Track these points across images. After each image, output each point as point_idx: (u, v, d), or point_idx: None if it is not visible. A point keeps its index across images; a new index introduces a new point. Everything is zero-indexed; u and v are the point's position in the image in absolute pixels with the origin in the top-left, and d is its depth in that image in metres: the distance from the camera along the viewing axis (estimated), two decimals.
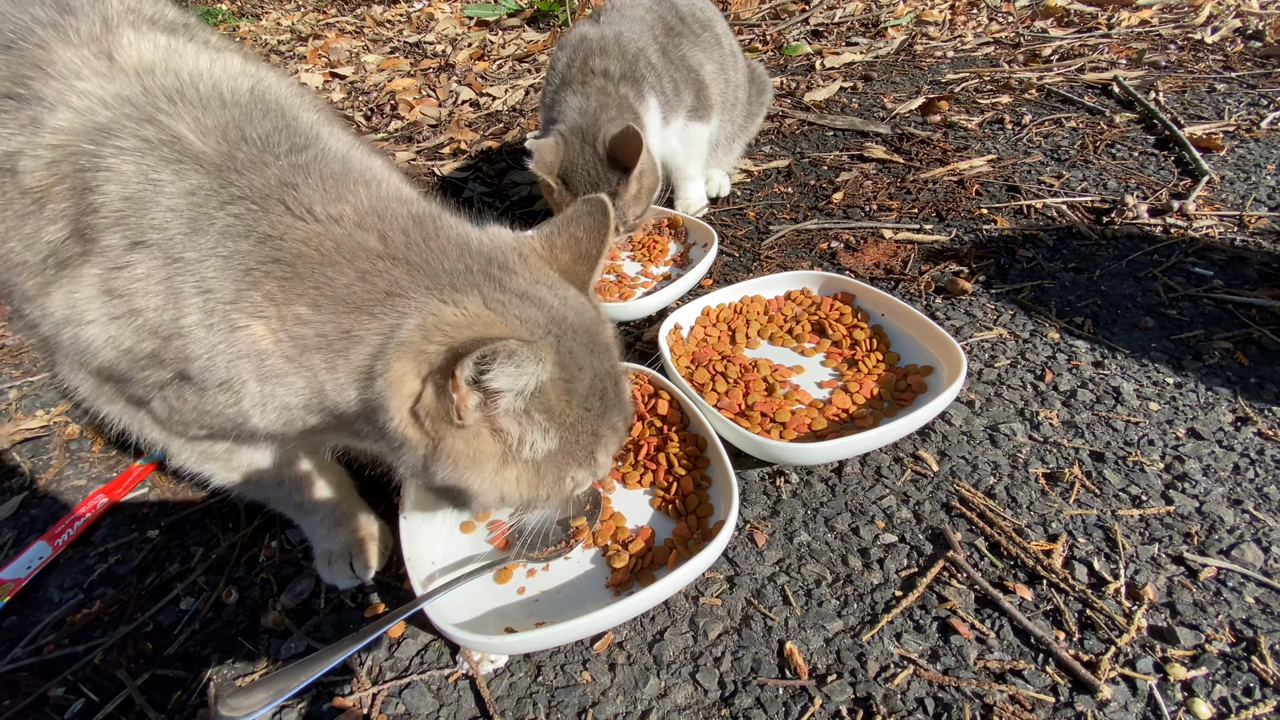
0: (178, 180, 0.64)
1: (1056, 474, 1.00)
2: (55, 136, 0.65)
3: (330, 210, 0.65)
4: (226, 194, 0.64)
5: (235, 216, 0.64)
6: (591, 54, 1.50)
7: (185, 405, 0.71)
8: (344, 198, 0.67)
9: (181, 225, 0.63)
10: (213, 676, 0.86)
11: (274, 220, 0.64)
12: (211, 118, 0.68)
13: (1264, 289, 1.30)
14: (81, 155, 0.65)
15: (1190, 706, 0.73)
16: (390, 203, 0.69)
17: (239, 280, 0.63)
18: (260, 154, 0.67)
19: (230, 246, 0.63)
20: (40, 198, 0.66)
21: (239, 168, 0.65)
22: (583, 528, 0.92)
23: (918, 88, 2.47)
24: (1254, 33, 2.56)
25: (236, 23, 4.81)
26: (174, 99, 0.68)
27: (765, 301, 1.33)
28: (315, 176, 0.67)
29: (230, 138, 0.67)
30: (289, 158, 0.68)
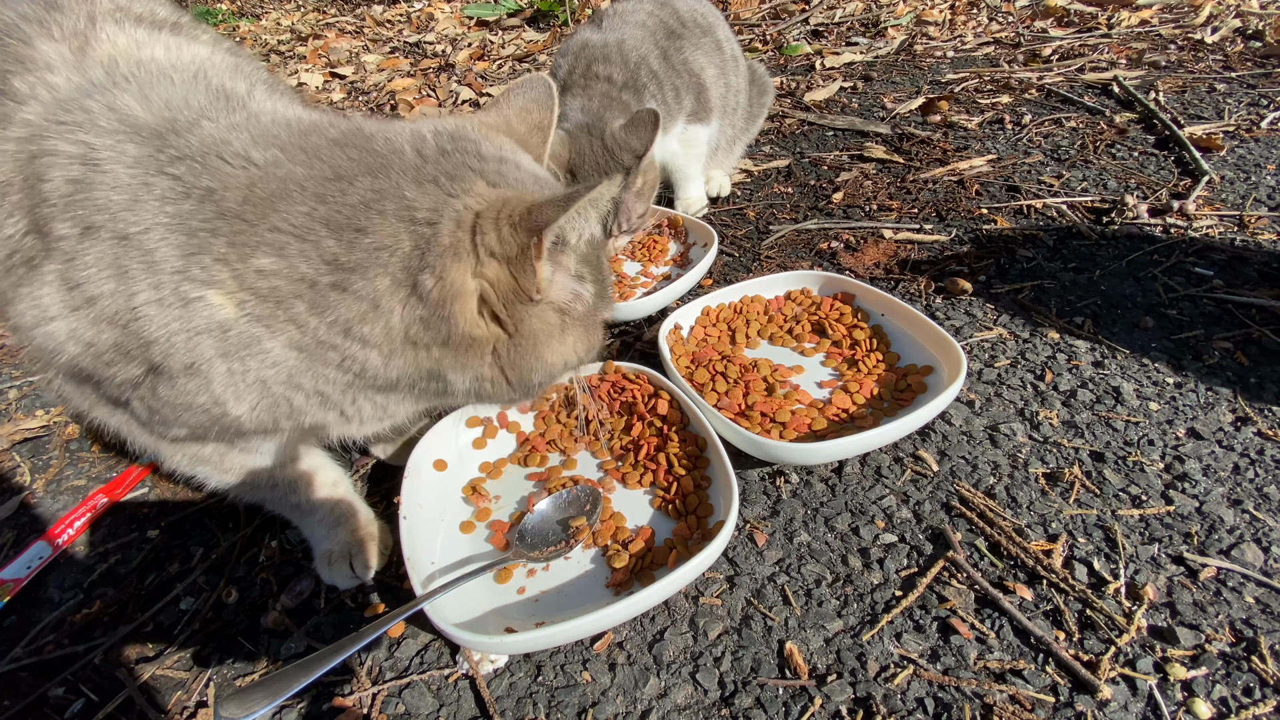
0: (119, 157, 0.60)
1: (1056, 474, 1.00)
2: (21, 129, 0.65)
3: (265, 154, 0.60)
4: (165, 156, 0.60)
5: (174, 178, 0.59)
6: (594, 61, 1.50)
7: (160, 403, 0.66)
8: (270, 142, 0.62)
9: (124, 199, 0.59)
10: (213, 676, 0.86)
11: (213, 174, 0.59)
12: (156, 94, 0.65)
13: (1264, 289, 1.30)
14: (33, 143, 0.63)
15: (1190, 706, 0.73)
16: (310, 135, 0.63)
17: (183, 245, 0.58)
18: (197, 119, 0.63)
19: (170, 209, 0.58)
20: (4, 193, 0.64)
21: (178, 129, 0.61)
22: (583, 528, 0.92)
23: (918, 88, 2.47)
24: (1254, 33, 2.56)
25: (236, 22, 4.81)
26: (122, 82, 0.66)
27: (765, 301, 1.33)
28: (244, 130, 0.63)
29: (175, 106, 0.63)
30: (223, 118, 0.64)
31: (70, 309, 0.62)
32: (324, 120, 0.67)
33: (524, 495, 1.01)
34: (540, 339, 0.65)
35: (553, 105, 0.78)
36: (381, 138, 0.63)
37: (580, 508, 0.96)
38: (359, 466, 1.15)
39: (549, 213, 0.56)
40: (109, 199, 0.60)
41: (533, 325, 0.64)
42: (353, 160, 0.60)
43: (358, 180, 0.59)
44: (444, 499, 1.01)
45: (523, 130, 0.75)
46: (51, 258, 0.62)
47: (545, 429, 1.10)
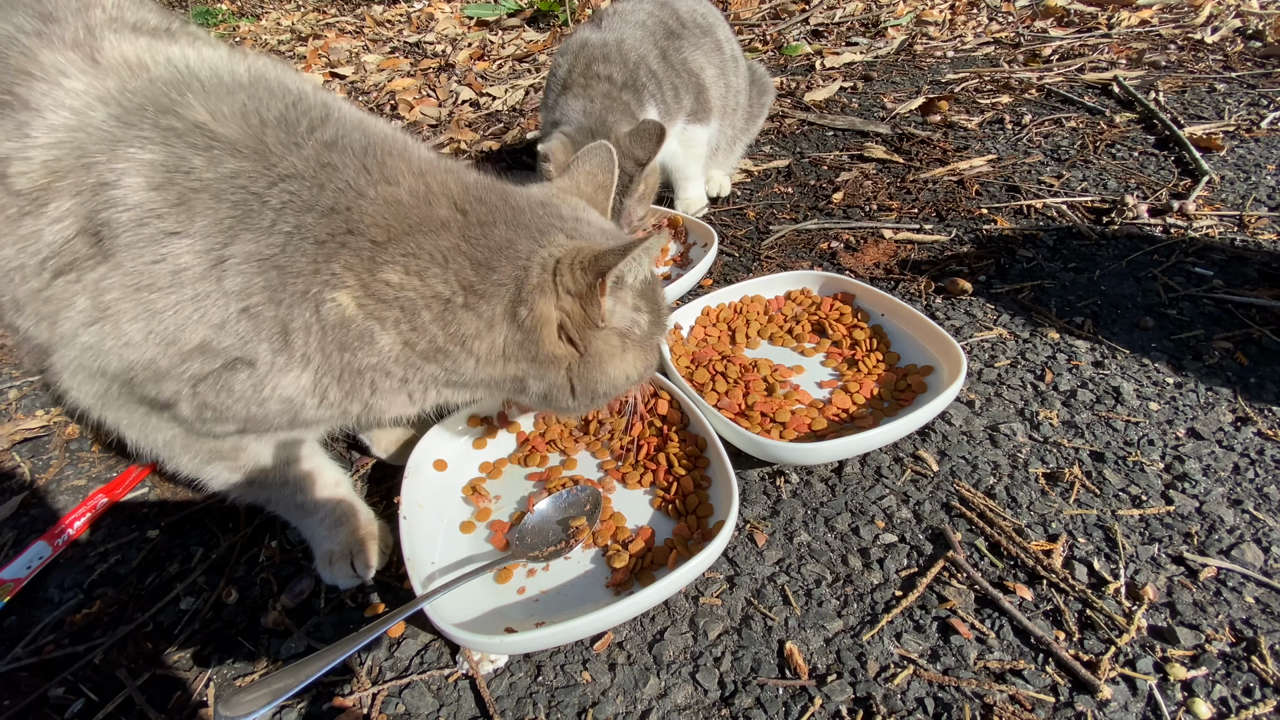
0: (214, 166, 0.65)
1: (1056, 474, 1.00)
2: (50, 135, 0.65)
3: (384, 189, 0.70)
4: (273, 174, 0.66)
5: (291, 194, 0.66)
6: (594, 60, 1.51)
7: (228, 397, 0.71)
8: (389, 176, 0.71)
9: (229, 208, 0.65)
10: (213, 676, 0.86)
11: (333, 196, 0.67)
12: (223, 104, 0.68)
13: (1264, 289, 1.30)
14: (87, 152, 0.64)
15: (1190, 706, 0.73)
16: (440, 174, 0.74)
17: (312, 254, 0.66)
18: (286, 135, 0.69)
19: (294, 221, 0.66)
20: (38, 199, 0.65)
21: (272, 148, 0.67)
22: (583, 528, 0.92)
23: (918, 88, 2.47)
24: (1254, 33, 2.56)
25: (236, 23, 4.81)
26: (180, 89, 0.68)
27: (765, 301, 1.33)
28: (348, 154, 0.70)
29: (251, 122, 0.68)
30: (314, 136, 0.70)
31: (151, 312, 0.65)
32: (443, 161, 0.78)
33: (524, 495, 1.01)
34: (605, 358, 0.78)
35: (613, 169, 0.94)
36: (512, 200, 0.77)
37: (580, 508, 0.96)
38: (359, 466, 1.15)
39: (610, 259, 0.70)
40: (208, 205, 0.64)
41: (599, 346, 0.78)
42: (493, 210, 0.74)
43: (496, 228, 0.73)
44: (444, 499, 1.01)
45: (589, 190, 0.90)
46: (116, 259, 0.64)
47: (545, 429, 1.10)
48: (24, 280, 0.67)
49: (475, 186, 0.75)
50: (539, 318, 0.72)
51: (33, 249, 0.66)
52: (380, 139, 0.74)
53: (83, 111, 0.66)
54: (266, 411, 0.73)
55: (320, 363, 0.70)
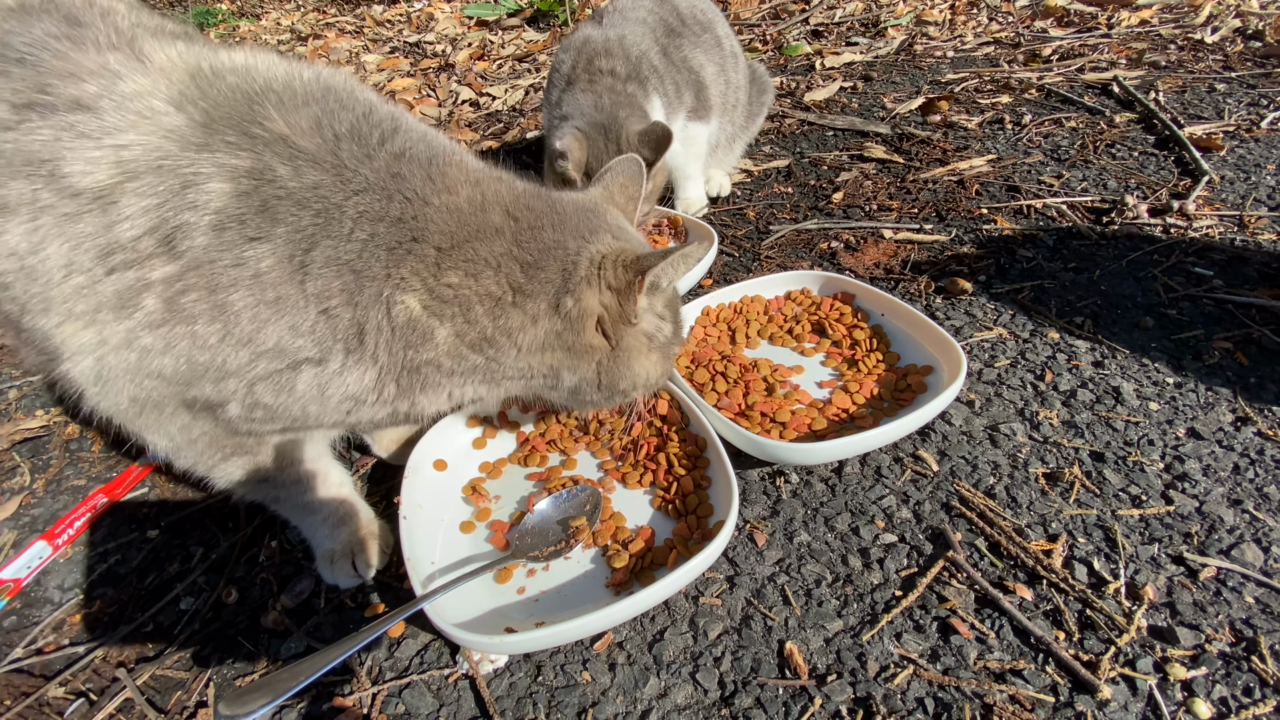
0: (298, 177, 0.68)
1: (1056, 474, 1.00)
2: (118, 137, 0.65)
3: (445, 198, 0.74)
4: (349, 188, 0.70)
5: (365, 205, 0.70)
6: (596, 55, 1.51)
7: (287, 397, 0.73)
8: (450, 186, 0.75)
9: (311, 217, 0.68)
10: (213, 676, 0.86)
11: (400, 206, 0.72)
12: (299, 116, 0.71)
13: (1264, 289, 1.30)
14: (167, 154, 0.65)
15: (1190, 706, 0.73)
16: (493, 183, 0.80)
17: (384, 260, 0.70)
18: (359, 148, 0.72)
19: (368, 230, 0.70)
20: (103, 197, 0.65)
21: (347, 163, 0.71)
22: (583, 528, 0.92)
23: (918, 88, 2.47)
24: (1254, 33, 2.56)
25: (236, 22, 4.81)
26: (258, 99, 0.70)
27: (765, 301, 1.33)
28: (414, 165, 0.75)
29: (326, 135, 0.71)
30: (384, 148, 0.74)
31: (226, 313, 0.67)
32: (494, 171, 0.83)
33: (524, 495, 1.01)
34: (632, 354, 0.84)
35: (643, 182, 0.99)
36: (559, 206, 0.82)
37: (580, 508, 0.96)
38: (359, 466, 1.15)
39: (651, 260, 0.77)
40: (291, 212, 0.67)
41: (628, 342, 0.84)
42: (540, 216, 0.79)
43: (544, 232, 0.78)
44: (444, 499, 1.01)
45: (622, 201, 0.96)
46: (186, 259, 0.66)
47: (545, 429, 1.10)
48: (67, 278, 0.67)
49: (525, 195, 0.81)
50: (583, 308, 0.78)
51: (89, 247, 0.66)
52: (441, 150, 0.79)
53: (151, 115, 0.66)
54: (325, 409, 0.76)
55: (386, 361, 0.74)
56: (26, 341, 0.75)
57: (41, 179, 0.66)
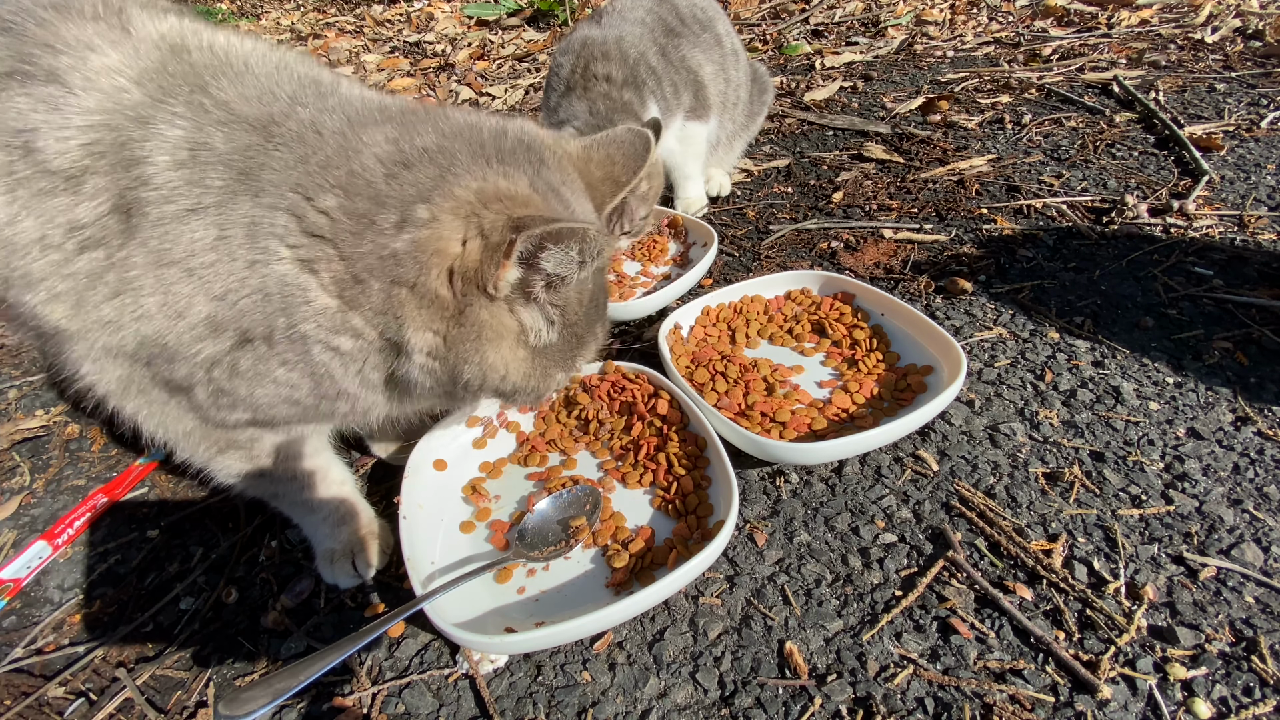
0: (229, 141, 0.65)
1: (1056, 474, 1.00)
2: (85, 117, 0.65)
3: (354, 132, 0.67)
4: (272, 143, 0.66)
5: (275, 158, 0.65)
6: (594, 59, 1.51)
7: (239, 381, 0.70)
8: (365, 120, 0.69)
9: (233, 178, 0.65)
10: (213, 676, 0.86)
11: (309, 148, 0.66)
12: (248, 86, 0.69)
13: (1264, 289, 1.30)
14: (123, 130, 0.65)
15: (1190, 706, 0.73)
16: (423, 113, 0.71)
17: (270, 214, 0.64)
18: (290, 106, 0.69)
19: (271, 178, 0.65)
20: (74, 176, 0.65)
21: (277, 119, 0.67)
22: (583, 528, 0.92)
23: (918, 87, 2.47)
24: (1254, 32, 2.56)
25: (236, 22, 4.81)
26: (215, 72, 0.69)
27: (765, 301, 1.33)
28: (338, 112, 0.69)
29: (264, 99, 0.69)
30: (316, 104, 0.70)
31: (163, 284, 0.65)
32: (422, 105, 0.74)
33: (524, 495, 1.01)
34: (484, 335, 0.68)
35: (638, 169, 0.82)
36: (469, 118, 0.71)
37: (580, 508, 0.96)
38: (359, 466, 1.15)
39: (534, 223, 0.60)
40: (217, 177, 0.64)
41: (481, 316, 0.67)
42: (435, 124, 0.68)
43: (426, 136, 0.66)
44: (444, 499, 1.01)
45: (597, 175, 0.80)
46: (141, 237, 0.65)
47: (545, 429, 1.10)
48: (43, 253, 0.67)
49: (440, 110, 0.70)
50: (437, 235, 0.62)
51: (61, 224, 0.66)
52: (376, 98, 0.73)
53: (115, 91, 0.66)
54: (268, 393, 0.72)
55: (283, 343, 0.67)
56: (17, 323, 0.75)
57: (18, 150, 0.65)
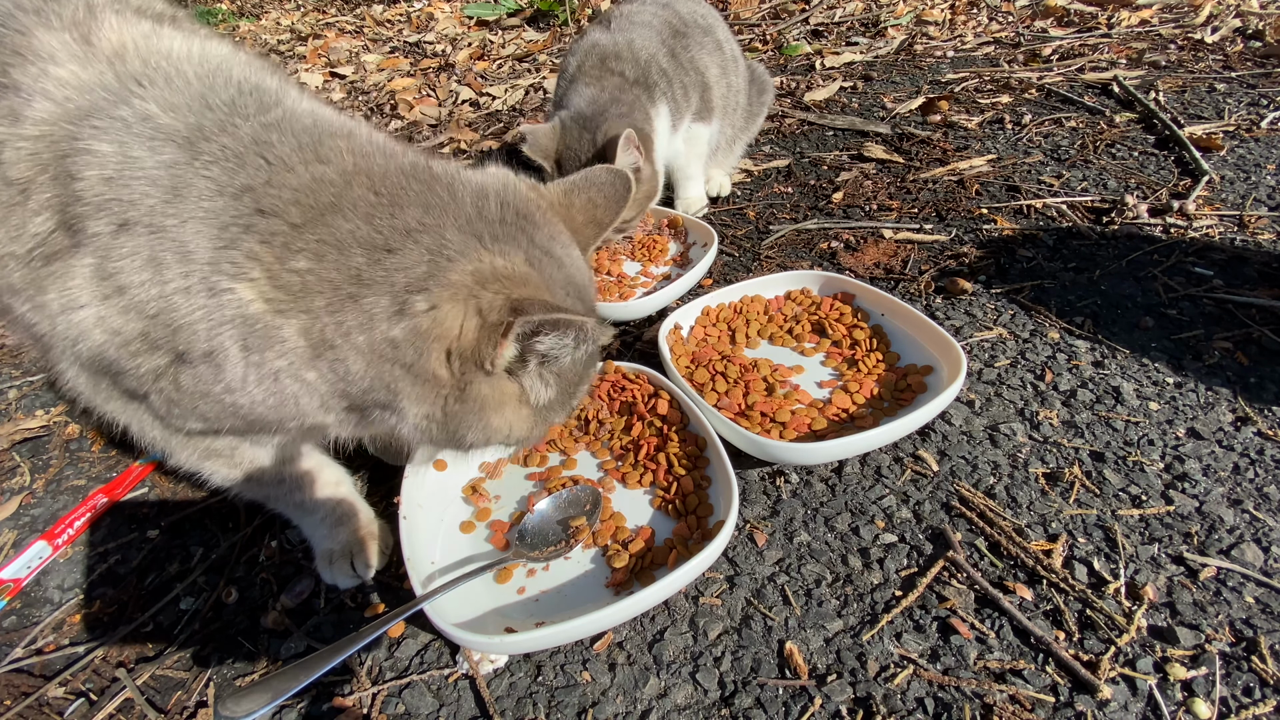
0: (153, 155, 0.63)
1: (1056, 474, 1.00)
2: (36, 127, 0.65)
3: (313, 167, 0.64)
4: (200, 161, 0.63)
5: (210, 179, 0.62)
6: (606, 58, 1.51)
7: (181, 393, 0.68)
8: (324, 155, 0.65)
9: (161, 195, 0.62)
10: (213, 676, 0.86)
11: (251, 173, 0.62)
12: (177, 94, 0.66)
13: (1264, 289, 1.30)
14: (61, 143, 0.64)
15: (1190, 706, 0.73)
16: (380, 158, 0.67)
17: (215, 238, 0.61)
18: (228, 117, 0.65)
19: (206, 205, 0.61)
20: (25, 189, 0.65)
21: (208, 135, 0.64)
22: (583, 528, 0.92)
23: (918, 88, 2.47)
24: (1254, 33, 2.56)
25: (236, 22, 4.81)
26: (141, 80, 0.67)
27: (765, 301, 1.33)
28: (288, 133, 0.66)
29: (195, 108, 0.66)
30: (258, 118, 0.66)
31: (101, 298, 0.64)
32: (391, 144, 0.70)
33: (524, 495, 1.01)
34: (486, 406, 0.68)
35: (620, 209, 0.82)
36: (446, 182, 0.68)
37: (580, 508, 0.96)
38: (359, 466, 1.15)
39: (533, 309, 0.60)
40: (144, 193, 0.62)
41: (480, 390, 0.66)
42: (415, 195, 0.65)
43: (409, 211, 0.64)
44: (444, 499, 1.01)
45: (580, 220, 0.79)
46: (82, 251, 0.64)
47: None
48: (18, 265, 0.67)
49: (410, 170, 0.67)
50: (439, 322, 0.62)
51: (22, 239, 0.66)
52: (332, 123, 0.69)
53: (63, 101, 0.65)
54: (213, 410, 0.70)
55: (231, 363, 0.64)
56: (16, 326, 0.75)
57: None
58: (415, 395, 0.65)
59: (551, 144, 1.42)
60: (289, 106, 0.69)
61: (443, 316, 0.62)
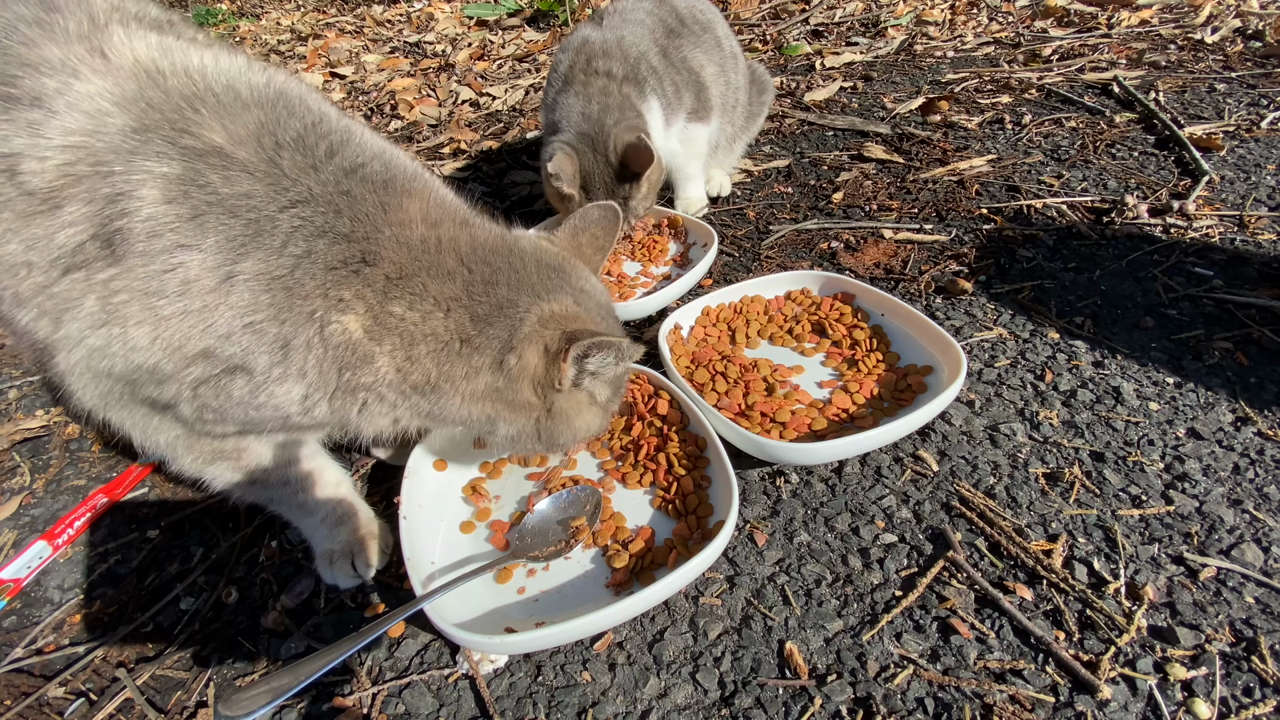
0: (229, 184, 0.67)
1: (1056, 474, 1.00)
2: (66, 138, 0.65)
3: (398, 230, 0.73)
4: (284, 199, 0.69)
5: (303, 219, 0.69)
6: (594, 56, 1.51)
7: (226, 400, 0.72)
8: (404, 220, 0.74)
9: (242, 227, 0.67)
10: (213, 676, 0.86)
11: (349, 224, 0.70)
12: (238, 123, 0.69)
13: (1264, 289, 1.30)
14: (104, 159, 0.65)
15: (1190, 706, 0.73)
16: (453, 228, 0.77)
17: (321, 278, 0.69)
18: (302, 158, 0.71)
19: (304, 245, 0.68)
20: (51, 199, 0.65)
21: (287, 172, 0.70)
22: (583, 528, 0.92)
23: (918, 88, 2.47)
24: (1254, 33, 2.56)
25: (236, 22, 4.81)
26: (195, 104, 0.69)
27: (765, 301, 1.33)
28: (367, 186, 0.73)
29: (265, 143, 0.70)
30: (332, 161, 0.73)
31: (159, 317, 0.67)
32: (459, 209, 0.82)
33: (524, 495, 1.01)
34: (569, 414, 0.83)
35: (616, 232, 0.98)
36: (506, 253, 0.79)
37: (580, 508, 0.96)
38: (359, 466, 1.15)
39: (583, 335, 0.74)
40: (220, 223, 0.66)
41: (561, 404, 0.82)
42: (497, 271, 0.77)
43: (499, 288, 0.77)
44: (444, 499, 1.01)
45: (589, 251, 0.95)
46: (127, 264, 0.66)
47: None
48: (29, 275, 0.67)
49: (483, 246, 0.78)
50: (524, 365, 0.76)
51: (43, 248, 0.66)
52: (400, 173, 0.77)
53: (98, 116, 0.66)
54: (261, 415, 0.75)
55: (315, 379, 0.72)
56: (14, 333, 0.76)
57: (4, 174, 0.66)
58: (511, 419, 0.81)
59: (572, 169, 1.43)
60: (355, 146, 0.76)
61: (526, 359, 0.76)
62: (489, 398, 0.78)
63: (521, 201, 2.00)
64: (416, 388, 0.76)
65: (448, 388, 0.76)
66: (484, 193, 2.08)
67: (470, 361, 0.75)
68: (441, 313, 0.73)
